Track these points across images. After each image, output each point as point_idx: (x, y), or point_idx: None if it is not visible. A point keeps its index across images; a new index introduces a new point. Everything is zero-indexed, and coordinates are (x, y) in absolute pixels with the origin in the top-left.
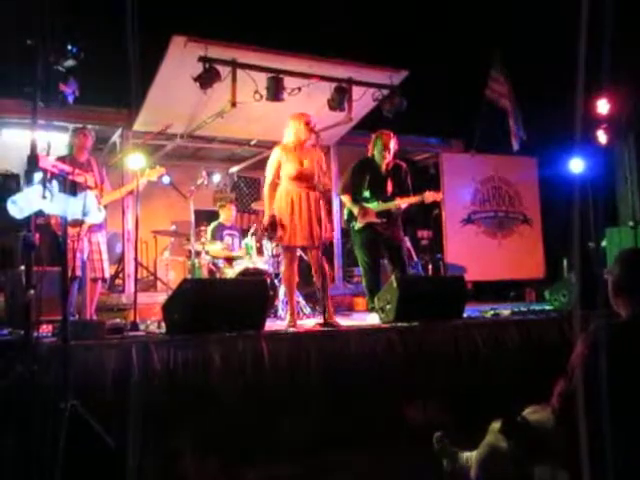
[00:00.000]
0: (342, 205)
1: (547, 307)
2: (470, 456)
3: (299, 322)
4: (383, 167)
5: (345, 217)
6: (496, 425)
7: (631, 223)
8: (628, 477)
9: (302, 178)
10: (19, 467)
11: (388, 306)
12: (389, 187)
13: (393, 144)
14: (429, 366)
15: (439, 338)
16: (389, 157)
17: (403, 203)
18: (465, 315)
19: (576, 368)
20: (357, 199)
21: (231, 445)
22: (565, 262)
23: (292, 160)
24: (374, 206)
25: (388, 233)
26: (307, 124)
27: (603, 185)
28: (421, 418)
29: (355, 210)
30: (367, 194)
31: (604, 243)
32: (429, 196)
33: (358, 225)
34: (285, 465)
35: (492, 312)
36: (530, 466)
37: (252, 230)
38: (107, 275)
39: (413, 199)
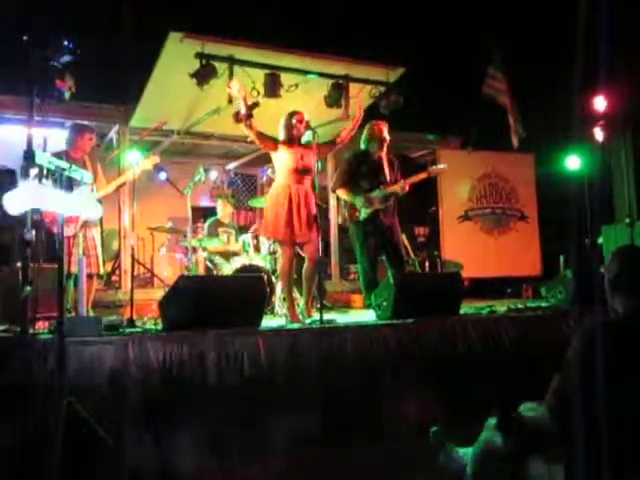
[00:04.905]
0: (338, 201)
1: (543, 304)
2: (466, 452)
3: None
4: (377, 156)
5: (345, 212)
6: (492, 421)
7: (627, 220)
8: (623, 473)
9: (301, 172)
10: (16, 463)
11: (385, 303)
12: (387, 175)
13: (386, 134)
14: (425, 363)
15: (435, 335)
16: (383, 148)
17: (407, 184)
18: (462, 312)
19: (571, 365)
20: (356, 191)
21: (228, 442)
22: (562, 259)
23: (290, 154)
24: (377, 193)
25: (388, 223)
26: (300, 121)
27: (600, 182)
28: (418, 414)
29: (358, 201)
30: (365, 184)
31: (600, 240)
32: (433, 170)
33: (362, 216)
34: (283, 461)
35: (488, 309)
36: (525, 462)
37: (252, 229)
38: (101, 271)
39: (421, 175)
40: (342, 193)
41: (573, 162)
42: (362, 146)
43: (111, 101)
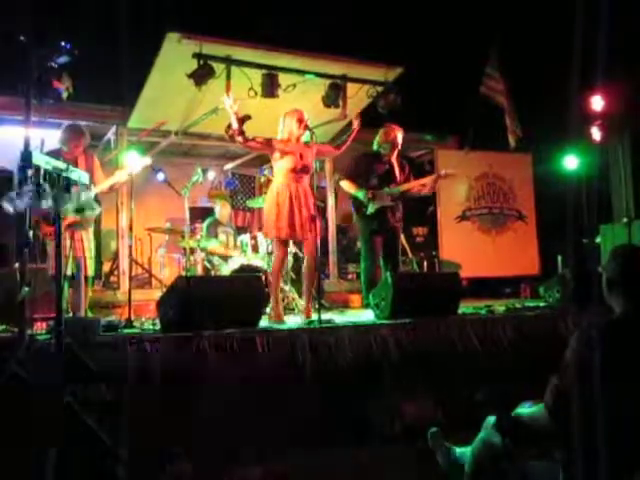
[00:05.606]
0: (340, 196)
1: (542, 303)
2: (464, 451)
3: (292, 317)
4: (388, 158)
5: (352, 206)
6: (490, 421)
7: (625, 219)
8: (621, 473)
9: (300, 171)
10: (14, 464)
11: (383, 303)
12: (397, 176)
13: (399, 139)
14: (423, 363)
15: (433, 335)
16: (394, 152)
17: (416, 185)
18: (460, 312)
19: (570, 365)
20: (361, 185)
21: (227, 443)
22: (559, 258)
23: (290, 153)
24: (386, 190)
25: (393, 223)
26: (300, 120)
27: (597, 181)
28: (416, 414)
29: (361, 194)
30: (375, 182)
31: (598, 239)
32: (442, 174)
33: (370, 210)
34: (282, 462)
35: (487, 309)
36: (523, 462)
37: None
38: (90, 273)
39: (430, 177)
40: (347, 184)
41: (571, 162)
42: (374, 147)
43: (109, 102)
